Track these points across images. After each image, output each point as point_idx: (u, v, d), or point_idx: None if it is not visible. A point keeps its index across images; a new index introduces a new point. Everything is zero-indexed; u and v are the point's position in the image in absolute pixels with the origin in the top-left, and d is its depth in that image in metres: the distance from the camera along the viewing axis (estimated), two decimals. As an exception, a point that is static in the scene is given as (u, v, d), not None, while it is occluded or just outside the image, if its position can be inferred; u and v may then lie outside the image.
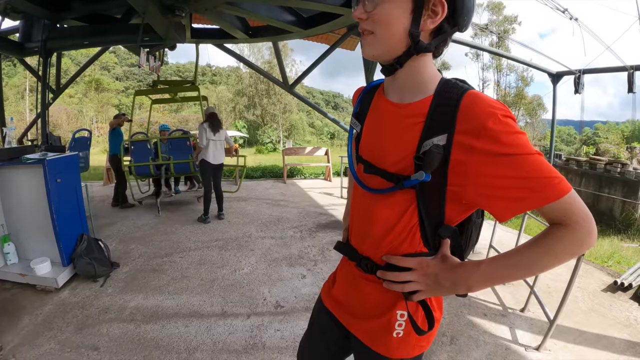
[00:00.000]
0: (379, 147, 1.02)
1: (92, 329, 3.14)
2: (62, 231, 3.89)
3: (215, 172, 5.86)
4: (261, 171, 10.84)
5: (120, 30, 5.94)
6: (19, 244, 4.18)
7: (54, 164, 3.81)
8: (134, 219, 6.25)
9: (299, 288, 3.67)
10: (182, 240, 5.10)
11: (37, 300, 3.69)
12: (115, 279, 4.03)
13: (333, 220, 5.87)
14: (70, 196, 4.07)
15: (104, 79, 41.55)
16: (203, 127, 5.65)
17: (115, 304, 3.50)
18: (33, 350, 2.92)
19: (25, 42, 6.51)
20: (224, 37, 6.93)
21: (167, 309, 3.37)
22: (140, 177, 7.21)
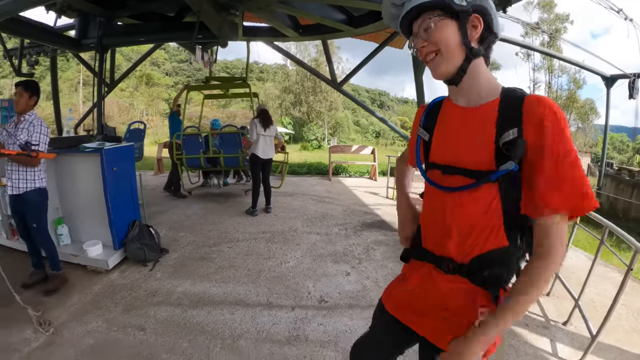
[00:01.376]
0: (454, 149, 1.16)
1: (140, 310, 3.32)
2: (116, 217, 4.16)
3: (264, 166, 6.07)
4: (307, 168, 10.97)
5: (175, 28, 6.22)
6: (72, 227, 4.52)
7: (111, 153, 4.08)
8: (184, 208, 6.56)
9: (343, 285, 3.70)
10: (230, 231, 5.29)
11: (86, 280, 3.95)
12: (164, 264, 4.24)
13: (378, 220, 5.85)
14: (124, 184, 4.34)
15: (154, 74, 43.41)
16: (254, 122, 5.89)
17: (163, 288, 3.68)
18: (81, 326, 3.13)
19: (81, 39, 6.92)
20: (275, 35, 7.09)
21: (213, 296, 3.51)
22: (191, 168, 7.64)
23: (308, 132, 36.07)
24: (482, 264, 1.10)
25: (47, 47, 7.58)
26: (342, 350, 2.70)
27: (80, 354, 2.81)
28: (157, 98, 39.76)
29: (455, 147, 1.16)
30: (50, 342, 2.96)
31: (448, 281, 1.17)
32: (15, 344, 2.97)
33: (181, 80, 47.13)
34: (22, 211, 3.55)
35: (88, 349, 2.85)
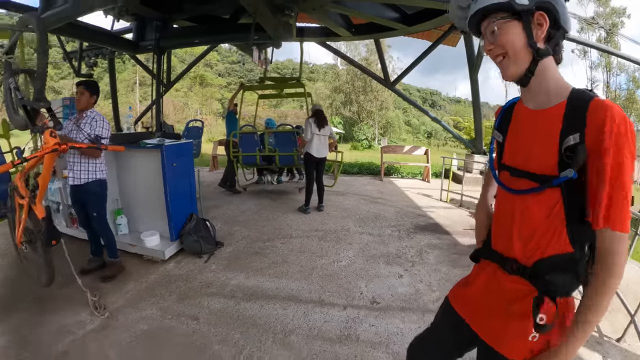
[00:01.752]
0: (522, 151, 1.18)
1: (194, 300, 3.43)
2: (174, 210, 4.35)
3: (318, 165, 6.15)
4: (358, 167, 10.89)
5: (230, 30, 6.38)
6: (130, 218, 4.77)
7: (171, 150, 4.26)
8: (238, 204, 6.77)
9: (396, 287, 3.64)
10: (283, 228, 5.38)
11: (143, 269, 4.14)
12: (219, 257, 4.37)
13: (432, 223, 5.71)
14: (183, 179, 4.51)
15: (207, 74, 44.80)
16: (309, 122, 5.99)
17: (218, 280, 3.78)
18: (135, 313, 3.27)
19: (139, 41, 7.27)
20: (327, 35, 7.13)
21: (266, 290, 3.56)
22: (247, 166, 7.91)
23: (358, 131, 35.78)
24: (544, 268, 1.10)
25: (105, 49, 7.99)
26: (393, 353, 2.65)
27: (134, 338, 2.93)
28: (211, 98, 40.97)
29: (524, 150, 1.18)
30: (105, 325, 3.12)
31: (511, 282, 1.19)
32: (69, 326, 3.15)
33: (233, 81, 48.38)
34: (83, 201, 3.76)
35: (142, 335, 2.97)
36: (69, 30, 6.02)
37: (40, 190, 2.61)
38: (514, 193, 1.19)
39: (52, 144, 2.28)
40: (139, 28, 7.11)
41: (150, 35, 6.93)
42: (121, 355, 2.76)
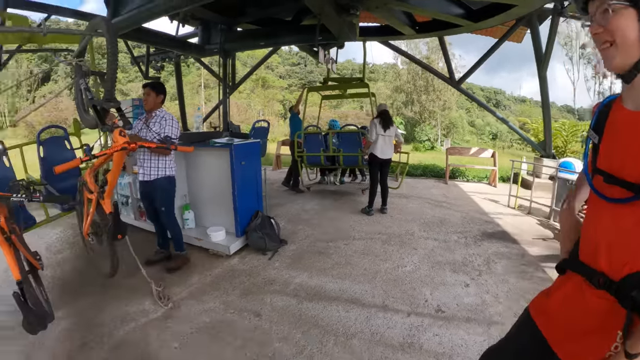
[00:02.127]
0: (618, 156, 1.06)
1: (256, 296, 3.48)
2: (241, 206, 4.48)
3: (382, 166, 6.06)
4: (422, 169, 10.64)
5: (294, 32, 6.45)
6: (197, 213, 4.99)
7: (240, 149, 4.41)
8: (302, 203, 6.86)
9: (462, 296, 3.49)
10: (346, 229, 5.36)
11: (207, 262, 4.28)
12: (282, 255, 4.43)
13: (500, 231, 5.42)
14: (250, 177, 4.65)
15: (268, 77, 45.69)
16: (374, 122, 5.93)
17: (281, 278, 3.82)
18: (199, 305, 3.37)
19: (204, 45, 7.56)
20: (390, 34, 7.01)
21: (329, 291, 3.55)
22: (311, 165, 8.02)
23: (420, 132, 34.83)
24: (631, 284, 0.98)
25: (171, 53, 8.38)
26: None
27: (196, 330, 3.02)
28: (272, 99, 41.86)
29: (620, 155, 1.06)
30: (168, 315, 3.24)
31: (597, 296, 1.09)
32: (132, 314, 3.30)
33: (294, 83, 49.07)
34: (152, 196, 3.96)
35: (203, 327, 3.05)
36: (137, 35, 6.34)
37: (109, 187, 2.74)
38: (607, 201, 1.08)
39: (122, 142, 2.38)
40: (204, 32, 7.40)
41: (215, 38, 7.20)
42: (181, 346, 2.85)
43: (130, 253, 3.35)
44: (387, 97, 38.71)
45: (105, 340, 2.97)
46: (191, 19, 7.11)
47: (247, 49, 9.03)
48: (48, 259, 4.33)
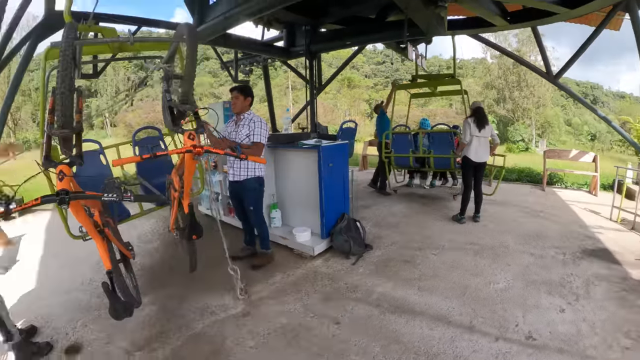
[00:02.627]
0: None
1: (337, 302, 3.37)
2: (327, 208, 4.43)
3: (476, 170, 5.56)
4: (517, 174, 9.78)
5: (380, 29, 6.29)
6: (284, 212, 5.05)
7: (328, 150, 4.35)
8: (389, 206, 6.61)
9: (556, 323, 3.06)
10: (435, 237, 5.03)
11: (291, 262, 4.28)
12: (367, 260, 4.27)
13: (600, 248, 4.71)
14: (338, 179, 4.58)
15: (354, 76, 45.70)
16: (468, 122, 5.45)
17: (364, 285, 3.67)
18: (278, 305, 3.35)
19: (289, 47, 7.68)
20: (480, 26, 6.50)
21: (414, 304, 3.32)
22: (399, 167, 7.69)
23: (514, 132, 32.39)
24: None
25: (259, 57, 8.58)
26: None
27: (272, 331, 2.99)
28: (358, 99, 41.82)
29: None
30: (246, 313, 3.26)
31: None
32: (213, 307, 3.38)
33: (380, 82, 48.62)
34: (242, 196, 4.03)
35: (280, 329, 3.02)
36: (224, 41, 6.60)
37: (185, 188, 2.78)
38: None
39: (188, 145, 2.38)
40: (289, 35, 7.53)
41: (300, 40, 7.30)
42: (257, 346, 2.84)
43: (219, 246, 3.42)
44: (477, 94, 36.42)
45: (183, 331, 3.08)
46: (275, 23, 7.28)
47: (332, 49, 9.03)
48: (139, 248, 4.61)
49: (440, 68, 48.28)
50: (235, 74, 9.24)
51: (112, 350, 2.93)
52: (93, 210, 2.54)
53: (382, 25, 6.31)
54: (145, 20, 5.88)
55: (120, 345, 2.98)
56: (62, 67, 1.91)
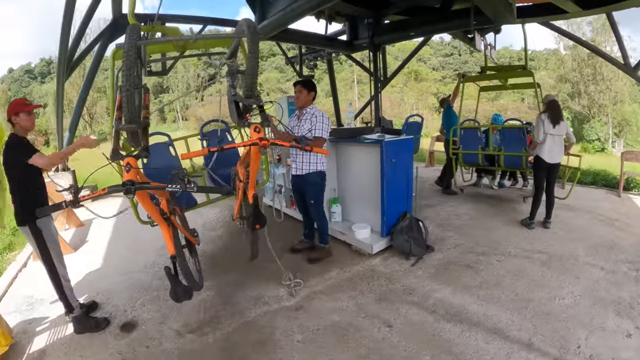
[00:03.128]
0: None
1: (392, 304, 3.29)
2: (389, 206, 4.32)
3: (549, 171, 5.13)
4: (592, 176, 8.96)
5: (445, 18, 6.07)
6: (344, 207, 5.02)
7: (391, 146, 4.23)
8: (454, 206, 6.30)
9: (619, 349, 2.73)
10: (501, 241, 4.73)
11: (349, 258, 4.25)
12: (427, 262, 4.13)
13: (677, 264, 4.18)
14: (401, 175, 4.45)
15: (421, 69, 44.62)
16: (541, 118, 4.99)
17: (421, 289, 3.56)
18: (331, 302, 3.35)
19: (353, 40, 7.59)
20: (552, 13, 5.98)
21: (472, 314, 3.15)
22: (467, 165, 7.34)
23: (590, 130, 29.72)
24: None
25: (323, 51, 8.57)
26: None
27: (322, 327, 2.99)
28: (426, 92, 40.85)
29: None
30: (299, 307, 3.30)
31: None
32: (267, 298, 3.46)
33: (448, 74, 47.10)
34: (303, 189, 4.08)
35: (330, 326, 3.01)
36: (286, 36, 6.69)
37: (250, 180, 2.83)
38: None
39: (254, 138, 2.41)
40: (352, 28, 7.47)
41: (363, 33, 7.21)
42: (305, 340, 2.86)
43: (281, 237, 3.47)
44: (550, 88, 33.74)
45: (236, 318, 3.19)
46: (337, 16, 7.24)
47: (396, 41, 8.78)
48: (203, 235, 4.81)
49: (511, 60, 45.80)
50: (300, 69, 9.35)
51: (165, 330, 3.11)
52: (160, 199, 2.69)
53: (448, 14, 6.09)
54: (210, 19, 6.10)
55: (173, 326, 3.16)
56: (126, 67, 1.99)
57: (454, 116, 7.17)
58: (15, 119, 2.91)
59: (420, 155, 11.00)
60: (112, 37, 5.76)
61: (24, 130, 2.96)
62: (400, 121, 17.19)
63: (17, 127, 2.93)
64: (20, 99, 3.04)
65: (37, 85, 50.78)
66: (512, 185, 7.73)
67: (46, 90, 42.52)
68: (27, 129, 2.98)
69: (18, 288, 4.23)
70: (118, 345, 2.98)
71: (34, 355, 2.98)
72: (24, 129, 2.96)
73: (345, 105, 11.49)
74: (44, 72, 53.95)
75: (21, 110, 2.90)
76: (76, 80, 28.25)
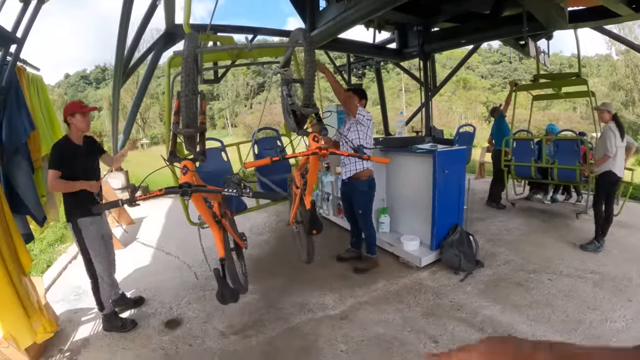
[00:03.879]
0: None
1: (439, 320, 3.21)
2: (439, 218, 4.21)
3: (612, 186, 4.77)
4: (647, 190, 8.28)
5: (495, 25, 5.97)
6: (393, 218, 4.93)
7: (444, 156, 4.12)
8: (505, 221, 6.06)
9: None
10: (553, 259, 4.49)
11: (396, 270, 4.18)
12: (476, 278, 3.99)
13: None
14: (453, 187, 4.31)
15: (470, 77, 43.42)
16: (610, 129, 4.60)
17: (469, 305, 3.45)
18: (377, 313, 3.30)
19: (402, 49, 7.53)
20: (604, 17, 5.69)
21: (520, 334, 3.00)
22: (519, 177, 7.04)
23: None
24: None
25: (371, 60, 8.55)
26: None
27: (366, 339, 2.96)
28: (475, 101, 39.84)
29: None
30: (344, 316, 3.27)
31: None
32: (312, 305, 3.46)
33: (497, 82, 45.82)
34: (352, 198, 4.07)
35: (375, 338, 2.97)
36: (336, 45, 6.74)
37: (308, 186, 2.86)
38: None
39: (314, 147, 2.42)
40: (401, 36, 7.44)
41: (413, 41, 7.18)
42: (348, 351, 2.84)
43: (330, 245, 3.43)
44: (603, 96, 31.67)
45: (280, 323, 3.22)
46: (386, 25, 7.24)
47: (447, 49, 8.69)
48: (250, 239, 4.89)
49: (562, 67, 43.93)
50: (349, 78, 9.40)
51: (209, 330, 3.19)
52: (212, 202, 2.75)
53: (498, 21, 6.02)
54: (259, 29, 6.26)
55: (217, 326, 3.23)
56: (185, 73, 2.06)
57: (506, 127, 6.93)
58: (71, 119, 3.04)
59: (470, 167, 10.69)
60: (164, 47, 6.02)
61: (79, 130, 3.10)
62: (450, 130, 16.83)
63: (72, 127, 3.07)
64: (77, 100, 3.21)
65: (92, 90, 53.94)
66: (566, 200, 7.33)
67: (101, 95, 45.18)
68: (81, 130, 3.11)
69: (67, 278, 4.49)
70: (161, 341, 3.09)
71: (77, 343, 3.15)
72: (79, 130, 3.09)
73: (392, 114, 11.42)
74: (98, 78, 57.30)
75: (77, 111, 3.04)
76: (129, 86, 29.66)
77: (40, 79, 3.83)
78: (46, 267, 5.02)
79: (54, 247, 5.90)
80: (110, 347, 3.06)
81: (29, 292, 2.89)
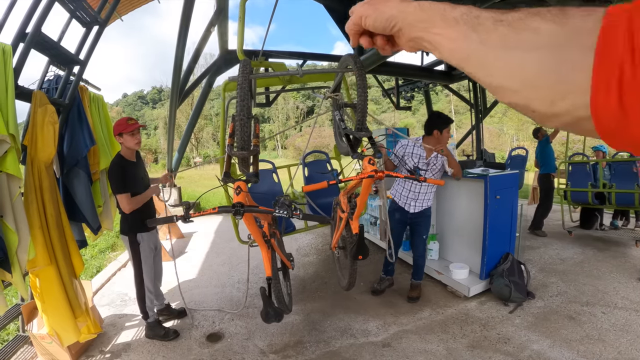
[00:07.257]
0: None
1: (484, 352, 3.13)
2: (490, 246, 4.09)
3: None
4: None
5: None
6: (441, 245, 4.85)
7: (496, 181, 4.03)
8: (558, 249, 5.76)
9: None
10: (608, 291, 4.26)
11: (442, 299, 4.10)
12: (526, 310, 3.83)
13: None
14: (505, 213, 4.19)
15: (517, 97, 42.46)
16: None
17: (517, 339, 3.33)
18: (420, 343, 3.26)
19: (451, 71, 7.49)
20: None
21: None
22: (575, 203, 6.67)
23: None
24: None
25: (419, 82, 8.52)
26: None
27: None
28: (527, 122, 38.50)
29: None
30: (386, 344, 3.25)
31: None
32: (354, 330, 3.46)
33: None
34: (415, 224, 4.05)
35: (416, 368, 2.90)
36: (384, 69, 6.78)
37: (358, 210, 2.89)
38: None
39: (369, 170, 2.47)
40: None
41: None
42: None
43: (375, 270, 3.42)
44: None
45: (321, 347, 3.25)
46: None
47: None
48: (296, 260, 4.98)
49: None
50: (397, 101, 9.44)
51: (249, 347, 3.28)
52: (263, 222, 2.87)
53: None
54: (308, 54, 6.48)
55: (258, 344, 3.31)
56: (240, 98, 2.17)
57: (550, 150, 6.66)
58: (120, 139, 3.21)
59: (523, 191, 10.20)
60: (218, 71, 6.35)
61: (129, 149, 3.25)
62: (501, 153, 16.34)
63: (123, 146, 3.23)
64: (123, 118, 3.25)
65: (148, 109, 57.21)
66: (624, 225, 6.83)
67: (157, 114, 47.98)
68: (132, 149, 3.27)
69: (114, 285, 4.77)
70: (201, 353, 3.21)
71: (118, 346, 3.33)
72: (129, 148, 3.25)
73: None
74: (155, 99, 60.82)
75: (123, 131, 3.17)
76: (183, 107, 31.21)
77: (100, 98, 4.10)
78: (96, 272, 5.37)
79: (105, 254, 6.30)
80: (150, 354, 3.22)
81: (78, 294, 3.11)
